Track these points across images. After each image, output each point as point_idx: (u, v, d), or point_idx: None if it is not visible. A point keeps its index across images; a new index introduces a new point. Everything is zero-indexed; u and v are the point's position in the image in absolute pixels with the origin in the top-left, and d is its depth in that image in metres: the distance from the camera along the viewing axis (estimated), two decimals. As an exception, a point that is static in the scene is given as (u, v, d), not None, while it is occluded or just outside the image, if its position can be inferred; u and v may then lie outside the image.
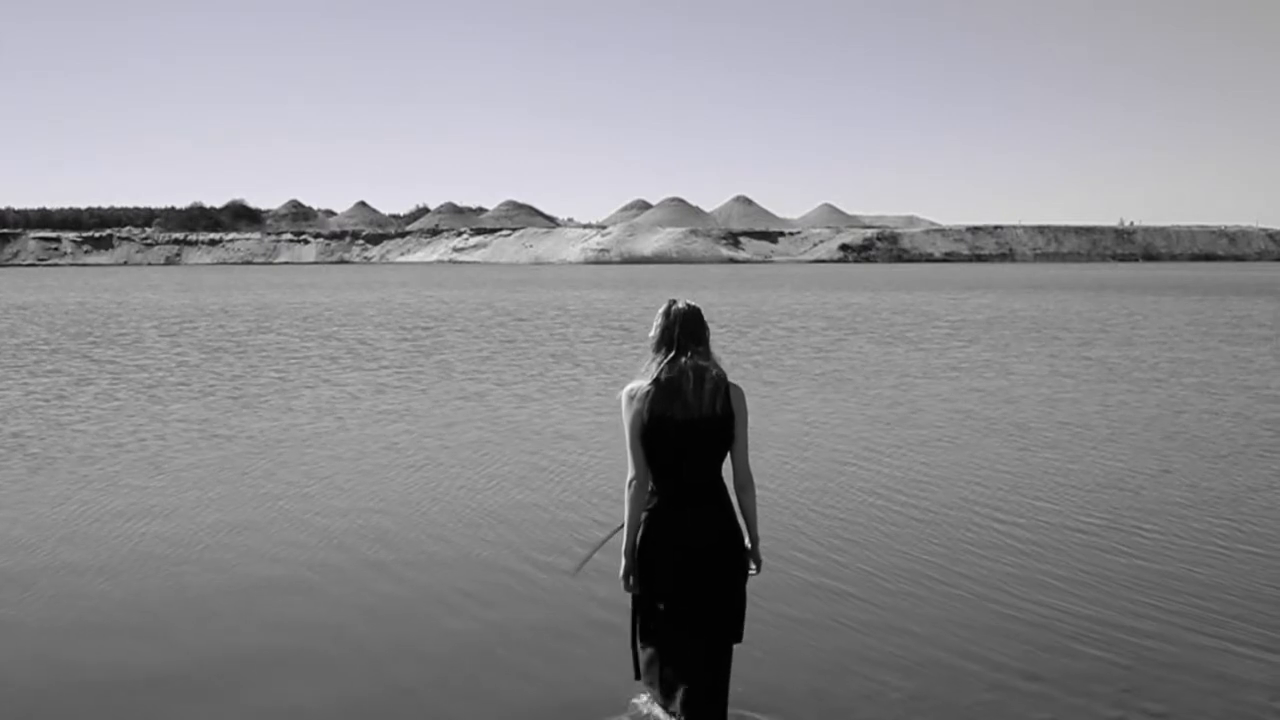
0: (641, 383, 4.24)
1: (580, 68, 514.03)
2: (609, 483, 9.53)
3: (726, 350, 22.69)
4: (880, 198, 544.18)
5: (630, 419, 4.21)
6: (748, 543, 4.40)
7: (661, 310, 4.35)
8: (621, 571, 4.38)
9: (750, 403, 4.39)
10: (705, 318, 4.34)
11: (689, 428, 4.17)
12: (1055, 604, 6.34)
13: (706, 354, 4.28)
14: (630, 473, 4.26)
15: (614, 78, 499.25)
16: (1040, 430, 12.30)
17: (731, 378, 4.35)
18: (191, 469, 10.29)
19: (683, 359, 4.23)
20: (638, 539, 4.29)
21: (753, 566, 4.44)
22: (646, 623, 4.36)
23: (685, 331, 4.27)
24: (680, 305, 4.35)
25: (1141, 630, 5.89)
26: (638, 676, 4.48)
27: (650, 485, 4.26)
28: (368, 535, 7.89)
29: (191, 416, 13.60)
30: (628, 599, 4.49)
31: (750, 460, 4.37)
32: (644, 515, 4.26)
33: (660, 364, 4.24)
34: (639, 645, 4.43)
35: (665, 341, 4.28)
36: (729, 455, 4.31)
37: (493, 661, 5.53)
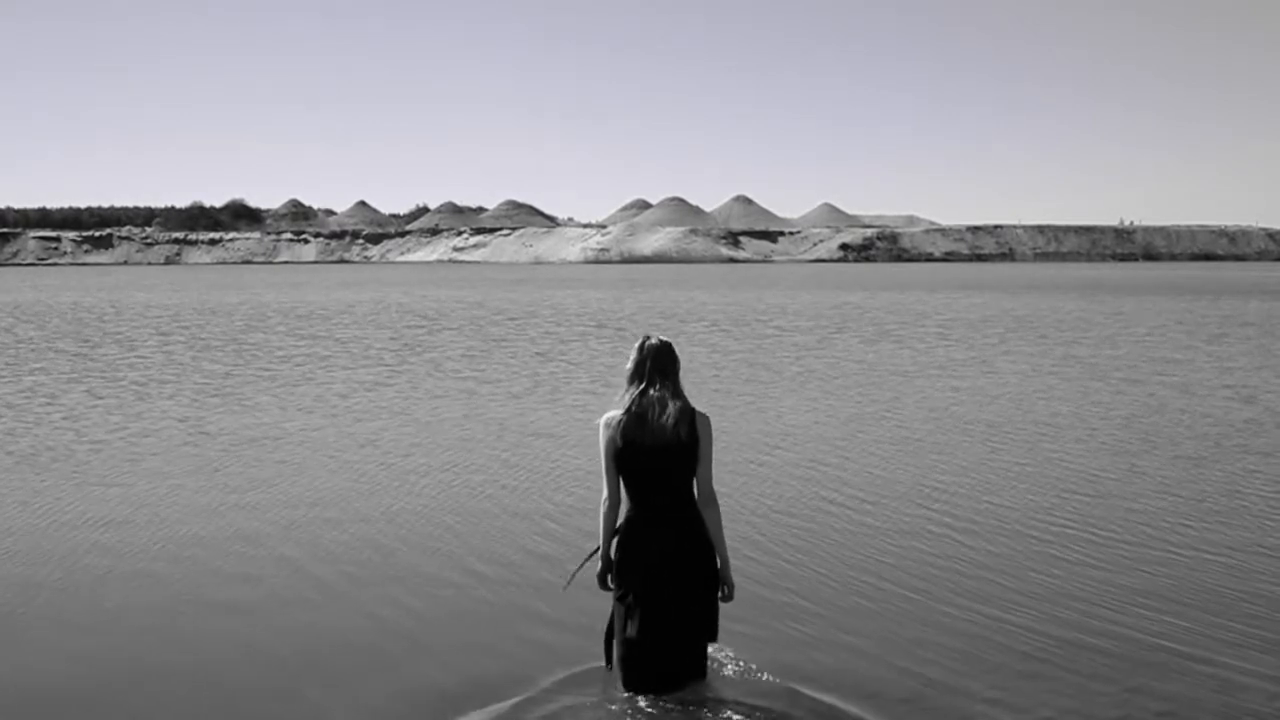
0: (616, 412, 4.71)
1: (580, 67, 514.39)
2: (572, 483, 9.63)
3: (715, 349, 22.78)
4: (880, 197, 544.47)
5: (605, 444, 4.68)
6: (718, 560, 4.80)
7: (636, 345, 4.81)
8: (598, 572, 4.88)
9: (728, 401, 4.63)
10: (676, 352, 4.82)
11: (658, 452, 4.62)
12: (995, 609, 6.39)
13: (675, 386, 4.73)
14: (605, 492, 4.74)
15: (614, 77, 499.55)
16: (1013, 430, 12.36)
17: (698, 405, 4.80)
18: (163, 468, 10.37)
19: (652, 391, 4.68)
20: (614, 548, 4.74)
21: (723, 589, 4.82)
22: (623, 622, 4.74)
23: (655, 366, 4.72)
24: (653, 341, 4.80)
25: (1138, 628, 5.90)
26: (609, 665, 4.92)
27: (626, 503, 4.71)
28: (311, 541, 7.77)
29: (175, 415, 13.69)
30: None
31: (714, 479, 4.78)
32: (621, 528, 4.71)
33: (633, 395, 4.70)
34: (615, 640, 4.82)
35: (638, 374, 4.73)
36: (695, 475, 4.73)
37: (409, 675, 5.44)
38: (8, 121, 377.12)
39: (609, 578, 4.83)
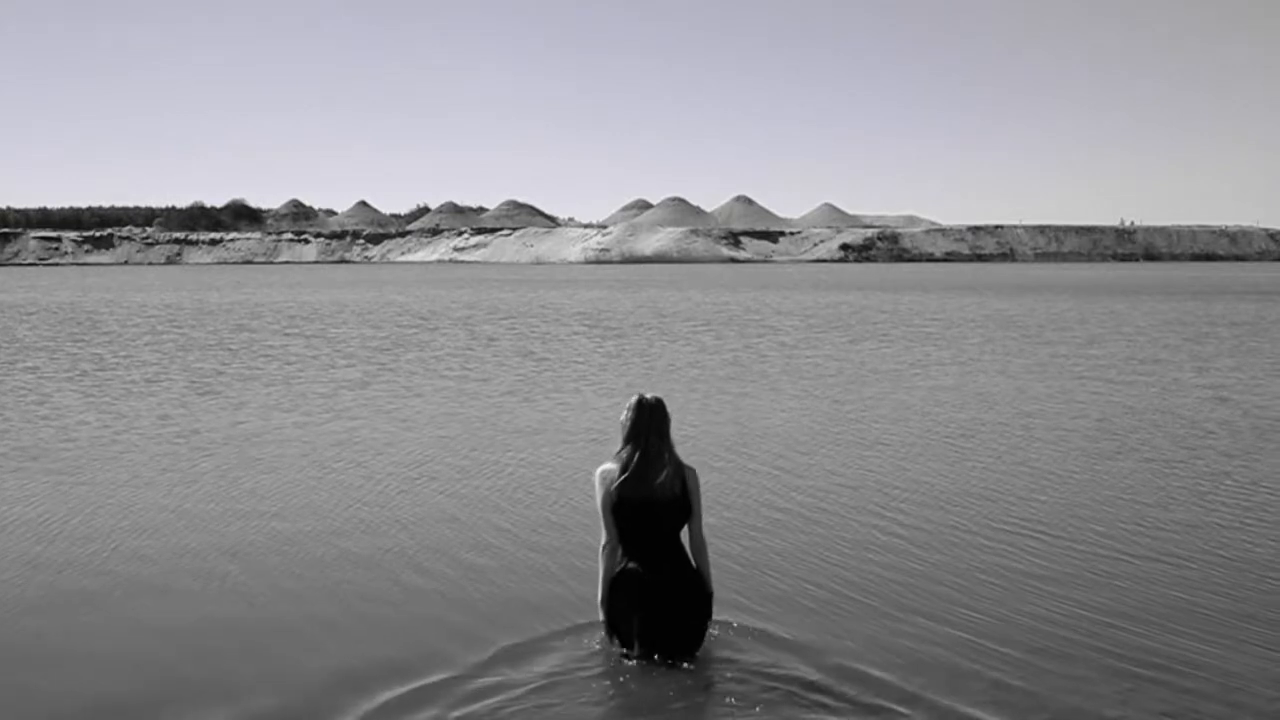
0: (612, 466, 5.15)
1: (581, 67, 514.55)
2: (532, 482, 9.70)
3: (705, 351, 22.85)
4: (880, 197, 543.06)
5: (601, 497, 5.13)
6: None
7: (632, 404, 5.20)
8: (605, 631, 5.31)
9: (705, 401, 4.83)
10: (667, 409, 5.25)
11: (652, 506, 5.07)
12: (1051, 605, 6.43)
13: (667, 442, 5.18)
14: (604, 538, 5.18)
15: (614, 77, 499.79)
16: (985, 432, 12.40)
17: (686, 459, 5.32)
18: (133, 465, 10.46)
19: (648, 449, 5.11)
20: (609, 590, 5.17)
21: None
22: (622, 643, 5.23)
23: (651, 424, 5.14)
24: (648, 399, 5.21)
25: (1094, 636, 5.83)
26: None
27: (620, 549, 5.14)
28: (261, 541, 7.76)
29: (158, 413, 13.79)
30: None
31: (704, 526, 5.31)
32: (617, 571, 5.14)
33: (629, 452, 5.12)
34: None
35: (634, 432, 5.14)
36: (687, 525, 5.23)
37: (330, 660, 5.48)
38: (8, 121, 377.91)
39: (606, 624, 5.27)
